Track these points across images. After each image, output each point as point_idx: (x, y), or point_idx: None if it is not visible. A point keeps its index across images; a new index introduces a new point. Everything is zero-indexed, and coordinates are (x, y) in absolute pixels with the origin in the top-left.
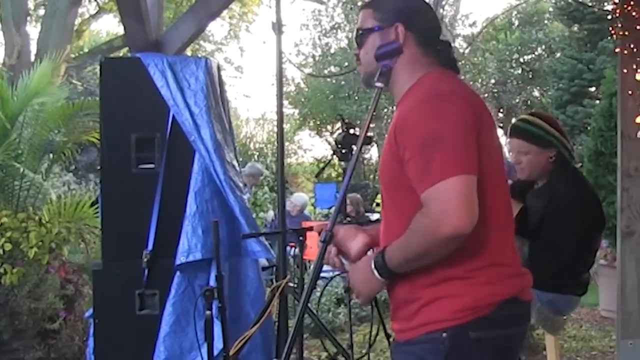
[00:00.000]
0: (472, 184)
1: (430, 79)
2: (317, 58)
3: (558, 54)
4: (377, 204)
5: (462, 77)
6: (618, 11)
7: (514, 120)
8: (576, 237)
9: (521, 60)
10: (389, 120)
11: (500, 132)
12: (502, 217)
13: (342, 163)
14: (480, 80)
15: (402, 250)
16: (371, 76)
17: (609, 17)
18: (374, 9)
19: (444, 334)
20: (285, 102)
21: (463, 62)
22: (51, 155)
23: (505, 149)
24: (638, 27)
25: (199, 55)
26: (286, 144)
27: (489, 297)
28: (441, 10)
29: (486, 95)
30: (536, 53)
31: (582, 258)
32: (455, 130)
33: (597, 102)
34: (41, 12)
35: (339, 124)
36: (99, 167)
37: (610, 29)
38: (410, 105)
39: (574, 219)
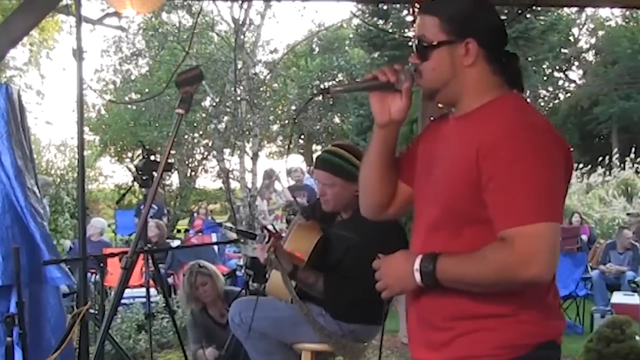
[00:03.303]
0: (559, 233)
1: (511, 103)
2: (117, 84)
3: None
4: (178, 230)
5: (263, 104)
6: None
7: (319, 150)
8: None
9: (322, 86)
10: (190, 147)
11: (300, 158)
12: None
13: (143, 189)
14: (281, 106)
15: (462, 270)
16: (434, 93)
17: (410, 43)
18: (442, 19)
19: None
20: (86, 129)
21: (264, 88)
22: None
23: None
24: None
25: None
26: (87, 170)
27: (530, 337)
28: (242, 36)
29: (287, 121)
30: (337, 79)
31: None
32: (553, 172)
33: None
34: None
35: (139, 151)
36: None
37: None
38: (499, 131)
39: (377, 251)
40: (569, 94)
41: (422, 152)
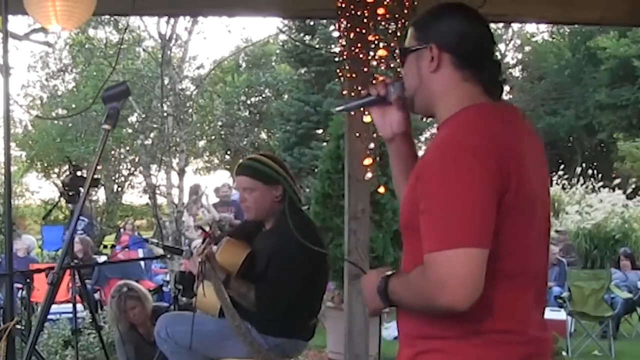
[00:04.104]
0: (480, 258)
1: (464, 118)
2: (44, 100)
3: (285, 96)
4: (105, 246)
5: (189, 120)
6: (345, 53)
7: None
8: (301, 281)
9: (248, 102)
10: (116, 162)
11: (227, 174)
12: (521, 279)
13: (70, 205)
14: (207, 122)
15: (400, 292)
16: (412, 99)
17: (336, 59)
18: (415, 28)
19: None
20: (13, 145)
21: (190, 104)
22: None
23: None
24: (365, 69)
25: None
26: (13, 186)
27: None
28: (169, 52)
29: (214, 137)
30: (263, 95)
31: (307, 302)
32: (475, 195)
33: (324, 144)
34: None
35: (66, 167)
36: None
37: (338, 71)
38: (432, 151)
39: (299, 264)
40: None
41: None
